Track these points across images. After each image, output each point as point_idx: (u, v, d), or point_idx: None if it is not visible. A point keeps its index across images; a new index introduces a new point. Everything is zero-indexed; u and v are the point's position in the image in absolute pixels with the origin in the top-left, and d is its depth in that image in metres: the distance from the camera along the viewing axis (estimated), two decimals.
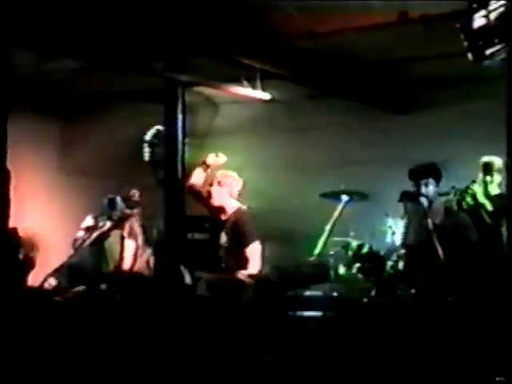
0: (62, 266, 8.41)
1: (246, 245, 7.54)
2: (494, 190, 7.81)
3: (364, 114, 10.03)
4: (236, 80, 8.80)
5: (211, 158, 8.06)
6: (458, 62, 6.33)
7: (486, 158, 7.89)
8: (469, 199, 7.60)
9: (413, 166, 7.69)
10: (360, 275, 7.89)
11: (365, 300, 7.50)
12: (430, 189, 7.53)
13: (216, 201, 7.80)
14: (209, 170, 8.11)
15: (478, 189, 7.70)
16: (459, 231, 7.50)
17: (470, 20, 5.86)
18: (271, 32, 7.79)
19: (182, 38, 7.42)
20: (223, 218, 7.70)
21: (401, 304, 7.30)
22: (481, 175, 7.82)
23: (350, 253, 8.00)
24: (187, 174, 7.80)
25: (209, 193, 7.89)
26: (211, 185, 7.93)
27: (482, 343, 6.48)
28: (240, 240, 7.56)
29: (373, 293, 7.57)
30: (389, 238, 7.95)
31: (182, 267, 7.06)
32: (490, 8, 5.84)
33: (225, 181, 7.88)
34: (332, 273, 8.02)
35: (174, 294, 7.07)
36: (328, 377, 6.71)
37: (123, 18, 6.95)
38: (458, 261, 7.14)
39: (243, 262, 7.50)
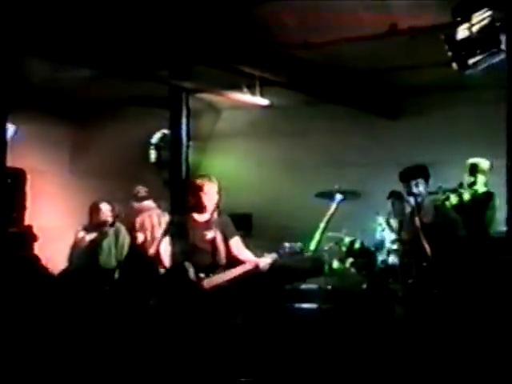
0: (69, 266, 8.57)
1: (229, 240, 7.31)
2: (481, 188, 7.93)
3: (357, 119, 10.09)
4: (237, 87, 8.89)
5: (207, 187, 7.42)
6: (444, 71, 6.50)
7: (471, 160, 7.99)
8: (453, 199, 7.72)
9: (402, 168, 7.62)
10: (353, 269, 7.98)
11: (357, 292, 7.63)
12: (420, 189, 7.41)
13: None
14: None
15: (464, 191, 7.81)
16: (448, 228, 7.45)
17: (454, 32, 6.02)
18: (270, 42, 7.89)
19: (186, 47, 7.50)
20: (201, 220, 7.30)
21: (391, 296, 7.33)
22: (466, 175, 7.93)
23: (343, 248, 8.11)
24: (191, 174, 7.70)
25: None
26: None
27: (467, 334, 6.52)
28: (225, 238, 7.33)
29: (364, 286, 7.66)
30: (379, 235, 8.02)
31: (186, 263, 6.97)
32: (473, 21, 6.01)
33: (207, 188, 7.38)
34: (326, 267, 8.10)
35: (179, 288, 7.04)
36: (323, 364, 6.77)
37: (131, 29, 7.01)
38: (447, 255, 7.13)
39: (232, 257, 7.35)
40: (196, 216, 7.19)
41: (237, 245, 7.28)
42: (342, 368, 6.66)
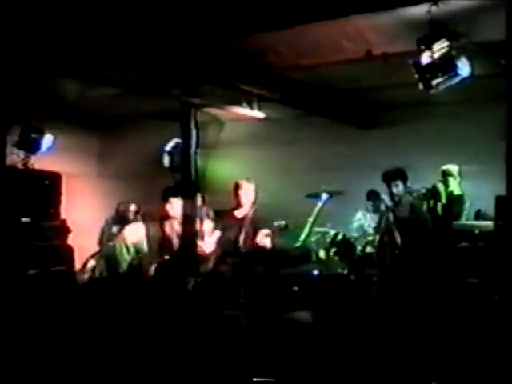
0: (99, 252, 8.72)
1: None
2: (457, 190, 8.13)
3: (339, 129, 10.17)
4: (238, 102, 9.05)
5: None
6: (412, 90, 6.61)
7: (443, 167, 8.17)
8: (428, 194, 7.91)
9: (378, 170, 7.70)
10: (336, 257, 8.06)
11: (339, 276, 7.64)
12: (399, 189, 7.47)
13: None
14: None
15: (441, 188, 7.97)
16: (419, 223, 7.56)
17: (419, 58, 6.29)
18: (266, 65, 8.00)
19: (195, 69, 7.68)
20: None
21: (367, 279, 7.42)
22: (441, 178, 8.11)
23: (328, 240, 8.20)
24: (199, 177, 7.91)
25: None
26: None
27: (429, 308, 6.60)
28: None
29: (345, 271, 7.69)
30: (357, 228, 8.24)
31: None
32: (434, 50, 6.26)
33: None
34: (314, 255, 8.14)
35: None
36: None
37: (149, 56, 7.24)
38: (417, 246, 7.24)
39: None
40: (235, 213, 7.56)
41: (261, 237, 7.54)
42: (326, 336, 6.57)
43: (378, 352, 6.19)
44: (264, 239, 7.60)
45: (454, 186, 8.12)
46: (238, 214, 7.60)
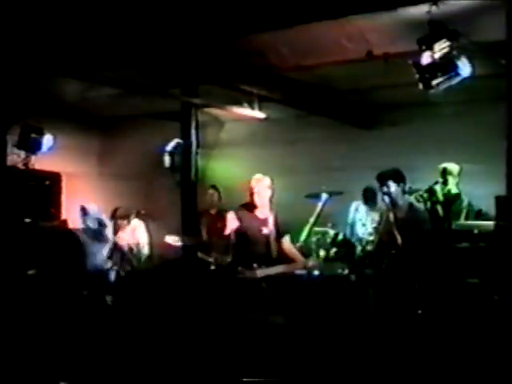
0: None
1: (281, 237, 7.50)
2: (454, 189, 8.04)
3: (339, 129, 10.16)
4: (238, 102, 9.07)
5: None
6: (412, 90, 6.64)
7: (443, 164, 8.02)
8: (426, 195, 7.74)
9: (377, 170, 7.48)
10: (336, 257, 7.95)
11: (340, 277, 7.56)
12: (391, 189, 7.24)
13: None
14: None
15: (438, 188, 7.84)
16: (418, 224, 7.37)
17: (420, 58, 6.32)
18: (267, 65, 8.01)
19: (196, 70, 7.73)
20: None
21: (367, 280, 7.33)
22: (440, 177, 7.93)
23: (329, 240, 8.10)
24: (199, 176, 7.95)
25: None
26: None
27: (429, 309, 6.66)
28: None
29: (346, 271, 7.61)
30: (358, 228, 8.29)
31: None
32: (434, 50, 6.29)
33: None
34: (314, 255, 8.00)
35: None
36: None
37: (150, 56, 7.27)
38: (415, 246, 7.10)
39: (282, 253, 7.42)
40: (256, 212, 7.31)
41: (286, 243, 7.46)
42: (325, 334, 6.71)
43: (378, 352, 6.28)
44: (289, 245, 7.47)
45: (452, 186, 8.05)
46: (260, 214, 7.33)
